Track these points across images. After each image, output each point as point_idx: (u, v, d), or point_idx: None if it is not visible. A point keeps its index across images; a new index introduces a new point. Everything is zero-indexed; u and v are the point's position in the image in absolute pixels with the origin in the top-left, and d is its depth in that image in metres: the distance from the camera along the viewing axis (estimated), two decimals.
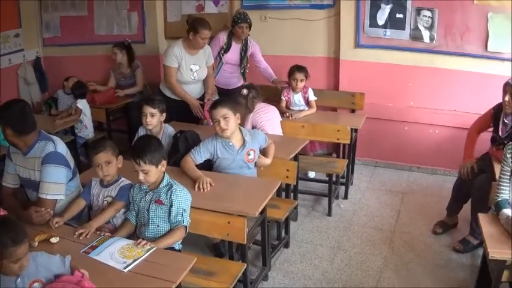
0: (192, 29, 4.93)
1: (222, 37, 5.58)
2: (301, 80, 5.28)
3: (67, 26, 7.08)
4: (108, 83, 6.55)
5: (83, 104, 5.65)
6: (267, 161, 3.96)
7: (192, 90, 5.21)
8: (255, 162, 3.94)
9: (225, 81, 5.71)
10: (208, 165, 3.92)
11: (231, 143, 3.80)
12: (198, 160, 3.80)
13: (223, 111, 3.68)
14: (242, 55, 5.63)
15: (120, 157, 3.31)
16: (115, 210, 3.18)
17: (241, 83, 5.67)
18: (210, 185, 3.47)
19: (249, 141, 3.84)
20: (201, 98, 5.30)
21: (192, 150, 3.83)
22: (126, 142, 6.02)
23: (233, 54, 5.62)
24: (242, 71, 5.69)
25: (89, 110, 5.77)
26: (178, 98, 5.13)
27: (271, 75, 5.72)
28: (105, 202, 3.25)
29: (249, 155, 3.85)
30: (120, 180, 3.29)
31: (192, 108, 5.14)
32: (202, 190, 3.43)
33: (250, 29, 5.51)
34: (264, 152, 4.01)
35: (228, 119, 3.68)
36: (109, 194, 3.25)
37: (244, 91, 4.74)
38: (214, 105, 3.79)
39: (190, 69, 5.09)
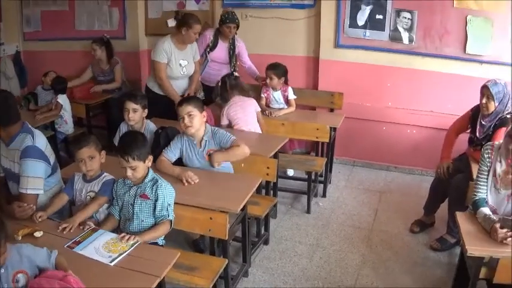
0: (184, 23, 4.94)
1: (209, 35, 5.59)
2: (271, 78, 5.30)
3: (48, 20, 7.01)
4: (83, 76, 6.51)
5: (63, 99, 5.63)
6: (214, 157, 3.77)
7: (179, 86, 5.21)
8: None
9: (211, 79, 5.68)
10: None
11: (195, 142, 3.82)
12: (172, 158, 3.82)
13: (188, 109, 3.69)
14: (231, 54, 5.66)
15: (103, 152, 3.31)
16: (98, 205, 3.17)
17: None
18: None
19: (208, 141, 3.80)
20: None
21: (164, 150, 3.84)
22: (105, 138, 6.01)
23: (220, 53, 5.64)
24: (233, 69, 5.67)
25: (69, 105, 5.76)
26: (165, 94, 5.11)
27: (255, 72, 5.77)
28: (88, 197, 3.24)
29: (209, 155, 3.83)
30: (103, 175, 3.28)
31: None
32: (190, 183, 3.47)
33: (237, 28, 5.53)
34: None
35: (193, 116, 3.69)
36: (92, 189, 3.25)
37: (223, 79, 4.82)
38: (181, 102, 3.80)
39: (180, 64, 5.09)
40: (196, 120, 3.71)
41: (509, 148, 3.03)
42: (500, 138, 3.43)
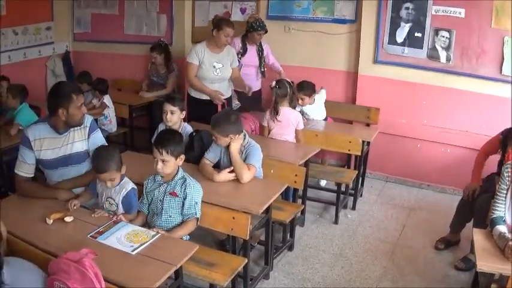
0: (216, 26, 5.12)
1: (237, 42, 5.72)
2: (302, 99, 5.34)
3: (97, 23, 7.32)
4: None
5: (107, 99, 5.85)
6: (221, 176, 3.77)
7: (218, 89, 5.29)
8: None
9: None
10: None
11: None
12: (213, 160, 3.92)
13: (216, 135, 3.78)
14: (260, 55, 5.82)
15: (124, 167, 3.31)
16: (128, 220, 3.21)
17: (260, 85, 5.92)
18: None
19: (243, 152, 3.85)
20: (229, 98, 5.47)
21: (206, 153, 3.93)
22: (146, 140, 6.19)
23: (251, 56, 5.78)
24: (262, 70, 5.86)
25: (113, 105, 5.99)
26: (200, 92, 5.26)
27: (279, 68, 5.97)
28: (106, 203, 3.32)
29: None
30: (123, 183, 3.31)
31: (213, 99, 5.22)
32: None
33: (265, 33, 5.71)
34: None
35: (218, 138, 3.76)
36: (110, 196, 3.31)
37: (273, 83, 4.87)
38: (214, 126, 3.79)
39: (213, 66, 5.20)
40: (222, 141, 3.77)
41: None
42: None
